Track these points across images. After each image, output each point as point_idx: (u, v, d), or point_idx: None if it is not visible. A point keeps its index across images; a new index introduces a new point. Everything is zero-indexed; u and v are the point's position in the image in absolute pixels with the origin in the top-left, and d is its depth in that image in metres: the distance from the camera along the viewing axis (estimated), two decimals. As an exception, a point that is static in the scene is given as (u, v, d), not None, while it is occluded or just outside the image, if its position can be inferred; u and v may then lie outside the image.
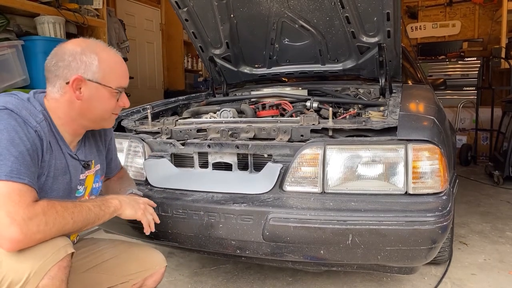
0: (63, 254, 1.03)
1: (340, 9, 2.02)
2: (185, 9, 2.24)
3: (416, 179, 1.37)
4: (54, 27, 3.24)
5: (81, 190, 1.25)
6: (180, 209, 1.48)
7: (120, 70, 1.21)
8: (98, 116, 1.20)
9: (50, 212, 0.99)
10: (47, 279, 1.00)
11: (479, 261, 2.18)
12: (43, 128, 1.09)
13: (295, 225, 1.34)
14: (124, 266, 1.34)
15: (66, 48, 1.14)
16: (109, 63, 1.17)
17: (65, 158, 1.17)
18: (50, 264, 1.00)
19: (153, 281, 1.39)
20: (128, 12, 5.33)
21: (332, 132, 1.58)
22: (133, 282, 1.35)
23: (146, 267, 1.37)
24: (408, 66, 3.10)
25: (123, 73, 1.22)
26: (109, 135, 1.43)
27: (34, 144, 1.05)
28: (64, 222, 1.02)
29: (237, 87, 2.83)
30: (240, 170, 1.64)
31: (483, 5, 6.40)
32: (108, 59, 1.17)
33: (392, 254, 1.32)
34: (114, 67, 1.19)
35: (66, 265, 1.04)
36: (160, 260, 1.41)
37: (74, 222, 1.05)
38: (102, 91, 1.16)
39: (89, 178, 1.28)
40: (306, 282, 1.94)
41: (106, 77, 1.16)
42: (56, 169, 1.14)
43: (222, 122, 1.82)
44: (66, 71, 1.12)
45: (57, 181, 1.14)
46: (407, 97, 1.89)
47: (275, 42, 2.38)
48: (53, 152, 1.12)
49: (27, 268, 0.98)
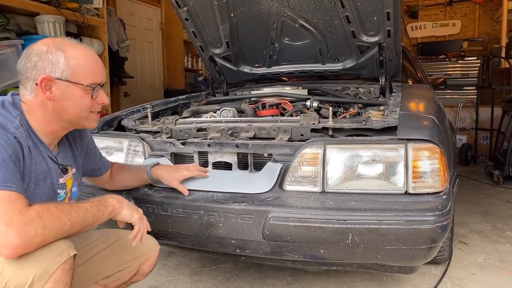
0: (65, 257, 1.03)
1: (340, 8, 2.02)
2: (185, 8, 2.24)
3: (416, 179, 1.37)
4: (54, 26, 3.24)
5: (62, 194, 1.23)
6: (180, 208, 1.48)
7: (92, 65, 1.15)
8: (74, 116, 1.15)
9: (45, 215, 0.98)
10: (51, 282, 0.99)
11: (479, 260, 2.18)
12: (21, 134, 1.06)
13: (295, 224, 1.34)
14: (119, 255, 1.35)
15: (33, 48, 1.11)
16: (77, 59, 1.12)
17: (46, 161, 1.15)
18: (54, 267, 1.00)
19: (148, 265, 1.41)
20: (128, 11, 5.32)
21: (332, 132, 1.58)
22: (129, 269, 1.37)
23: (140, 253, 1.38)
24: (408, 66, 3.10)
25: (96, 69, 1.16)
26: (85, 139, 1.39)
27: (15, 150, 1.03)
28: (61, 224, 1.00)
29: (237, 87, 2.83)
30: (240, 169, 1.64)
31: (483, 5, 6.40)
32: (76, 56, 1.12)
33: (392, 253, 1.32)
34: (83, 63, 1.13)
35: (70, 268, 1.04)
36: (153, 244, 1.43)
37: (72, 224, 1.03)
38: (73, 89, 1.11)
39: (68, 182, 1.26)
40: (306, 282, 1.95)
41: (75, 74, 1.11)
42: (37, 175, 1.11)
43: (222, 121, 1.82)
44: (35, 71, 1.09)
45: (39, 186, 1.12)
46: (407, 96, 1.89)
47: (275, 41, 2.38)
48: (33, 158, 1.10)
49: (31, 272, 0.97)
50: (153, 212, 1.51)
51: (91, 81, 1.14)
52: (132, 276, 1.40)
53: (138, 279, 1.43)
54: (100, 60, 1.20)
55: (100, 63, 1.19)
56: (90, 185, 1.70)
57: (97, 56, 1.20)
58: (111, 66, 4.17)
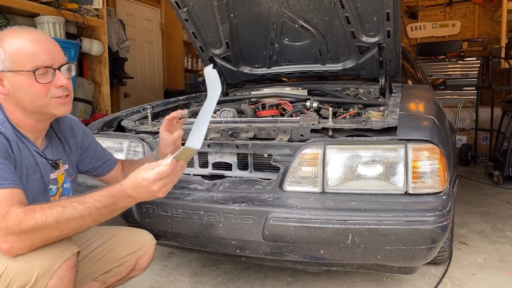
0: (69, 254, 1.03)
1: (340, 9, 2.02)
2: (185, 9, 2.24)
3: (416, 179, 1.37)
4: (54, 27, 3.24)
5: (53, 189, 1.22)
6: (180, 209, 1.48)
7: (31, 48, 1.07)
8: (33, 105, 1.09)
9: (29, 218, 0.95)
10: (56, 279, 0.99)
11: (479, 261, 2.18)
12: (7, 129, 1.06)
13: (295, 225, 1.34)
14: (115, 251, 1.35)
15: None
16: (14, 45, 1.06)
17: (33, 155, 1.13)
18: (58, 264, 1.00)
19: (145, 260, 1.41)
20: (128, 12, 5.33)
21: (332, 132, 1.58)
22: (126, 264, 1.37)
23: (136, 247, 1.38)
24: (408, 66, 3.10)
25: (38, 51, 1.07)
26: (79, 136, 1.37)
27: (4, 145, 1.03)
28: (50, 230, 0.98)
29: (237, 87, 2.83)
30: (240, 170, 1.64)
31: (483, 5, 6.40)
32: (13, 42, 1.06)
33: (392, 253, 1.32)
34: (21, 47, 1.06)
35: (73, 265, 1.04)
36: (149, 239, 1.43)
37: (61, 230, 1.00)
38: (19, 78, 1.06)
39: (60, 178, 1.25)
40: (306, 282, 1.94)
41: (15, 61, 1.05)
42: (27, 168, 1.11)
43: (222, 122, 1.82)
44: None
45: (30, 179, 1.12)
46: (407, 97, 1.89)
47: (275, 42, 2.38)
48: (21, 151, 1.09)
49: (36, 268, 0.97)
50: (153, 212, 1.51)
51: (34, 64, 1.06)
52: (130, 271, 1.40)
53: (136, 274, 1.43)
54: (48, 41, 1.11)
55: (47, 43, 1.11)
56: (90, 185, 1.71)
57: (42, 38, 1.11)
58: (111, 67, 4.17)
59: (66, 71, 1.14)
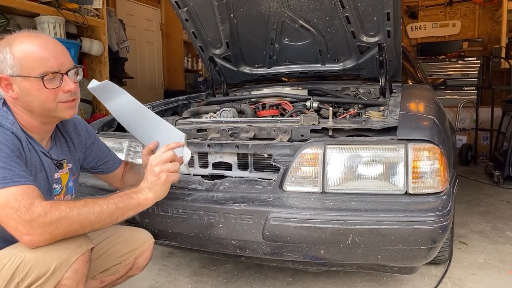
0: (85, 249, 1.06)
1: (340, 8, 2.02)
2: (185, 9, 2.24)
3: (416, 179, 1.37)
4: (54, 27, 3.25)
5: (57, 189, 1.24)
6: (180, 209, 1.48)
7: (40, 53, 1.08)
8: (40, 109, 1.12)
9: (52, 212, 1.00)
10: (71, 272, 1.02)
11: (479, 261, 2.18)
12: (18, 129, 1.09)
13: (295, 225, 1.34)
14: (113, 249, 1.36)
15: None
16: (23, 51, 1.07)
17: (38, 155, 1.16)
18: (74, 257, 1.03)
19: (144, 259, 1.42)
20: (128, 12, 5.33)
21: (332, 132, 1.58)
22: (125, 263, 1.38)
23: (134, 246, 1.39)
24: (408, 66, 3.10)
25: (45, 56, 1.09)
26: (82, 134, 1.39)
27: (15, 144, 1.05)
28: (70, 222, 1.02)
29: (237, 87, 2.83)
30: (240, 170, 1.64)
31: (483, 5, 6.40)
32: (21, 48, 1.07)
33: (392, 254, 1.32)
34: (30, 53, 1.07)
35: (88, 260, 1.08)
36: (147, 237, 1.43)
37: (81, 224, 1.05)
38: (28, 83, 1.08)
39: (63, 177, 1.27)
40: (306, 282, 1.94)
41: (24, 67, 1.07)
42: (35, 168, 1.14)
43: (222, 122, 1.82)
44: None
45: (37, 178, 1.14)
46: (407, 97, 1.89)
47: (275, 42, 2.38)
48: (30, 151, 1.12)
49: (53, 260, 1.00)
50: (153, 212, 1.51)
51: (40, 71, 1.08)
52: (128, 270, 1.40)
53: (134, 273, 1.43)
54: (55, 46, 1.13)
55: (55, 49, 1.12)
56: (90, 185, 1.71)
57: (50, 43, 1.12)
58: (111, 67, 4.17)
59: (73, 75, 1.17)
